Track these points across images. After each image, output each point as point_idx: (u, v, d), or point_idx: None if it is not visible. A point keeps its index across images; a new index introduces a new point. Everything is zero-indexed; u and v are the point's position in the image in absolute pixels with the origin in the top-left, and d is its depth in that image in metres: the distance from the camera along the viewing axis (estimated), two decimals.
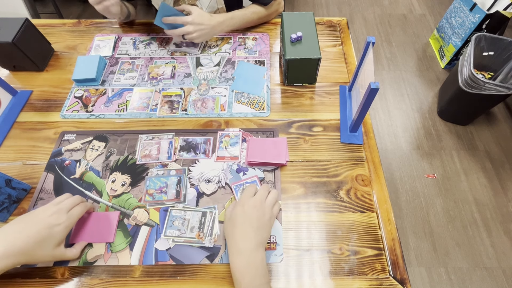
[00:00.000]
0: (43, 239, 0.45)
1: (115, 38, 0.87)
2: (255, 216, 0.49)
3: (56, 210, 0.48)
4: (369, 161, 0.65)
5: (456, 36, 1.72)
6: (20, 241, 0.44)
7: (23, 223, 0.46)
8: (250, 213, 0.49)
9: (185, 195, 0.60)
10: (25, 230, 0.45)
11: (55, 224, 0.47)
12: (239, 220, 0.49)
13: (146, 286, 0.52)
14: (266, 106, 0.73)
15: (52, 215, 0.48)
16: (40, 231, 0.45)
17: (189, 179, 0.62)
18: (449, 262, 1.23)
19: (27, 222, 0.46)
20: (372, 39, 0.60)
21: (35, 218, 0.47)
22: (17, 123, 0.72)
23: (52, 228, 0.46)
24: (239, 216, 0.49)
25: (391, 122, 1.64)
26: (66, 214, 0.49)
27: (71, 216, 0.50)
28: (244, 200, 0.51)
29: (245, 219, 0.49)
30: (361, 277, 0.52)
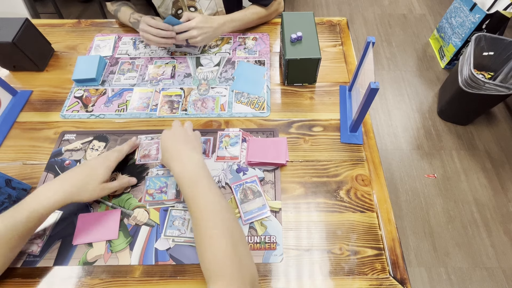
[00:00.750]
0: (88, 178, 0.54)
1: (115, 38, 0.87)
2: (180, 136, 0.59)
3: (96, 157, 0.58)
4: (369, 161, 0.65)
5: (456, 36, 1.73)
6: (71, 180, 0.53)
7: (75, 169, 0.56)
8: (175, 137, 0.59)
9: None
10: (75, 173, 0.55)
11: (97, 166, 0.56)
12: (168, 145, 0.58)
13: (146, 286, 0.52)
14: (266, 106, 0.73)
15: (94, 159, 0.58)
16: (85, 172, 0.55)
17: None
18: (449, 262, 1.23)
19: (77, 168, 0.56)
20: (372, 39, 0.60)
21: (83, 164, 0.57)
22: (17, 123, 0.72)
23: (94, 169, 0.56)
24: (167, 143, 0.58)
25: (391, 122, 1.64)
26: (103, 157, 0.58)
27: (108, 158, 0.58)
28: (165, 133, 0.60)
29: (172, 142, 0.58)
30: (361, 277, 0.52)
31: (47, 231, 0.56)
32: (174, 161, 0.55)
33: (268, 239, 0.55)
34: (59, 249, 0.55)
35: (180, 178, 0.53)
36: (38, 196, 0.50)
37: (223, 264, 0.43)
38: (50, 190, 0.51)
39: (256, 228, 0.56)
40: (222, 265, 0.43)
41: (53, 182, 0.53)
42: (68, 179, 0.53)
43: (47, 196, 0.50)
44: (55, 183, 0.53)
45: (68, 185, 0.52)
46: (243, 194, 0.60)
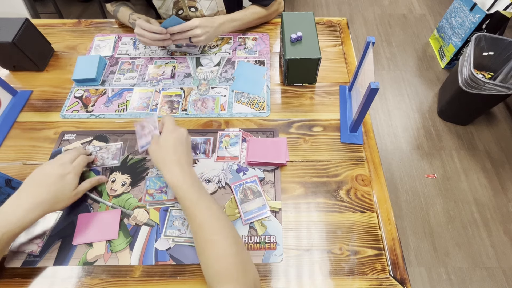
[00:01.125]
0: (60, 188, 0.52)
1: (115, 38, 0.87)
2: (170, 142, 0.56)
3: (61, 163, 0.55)
4: (369, 161, 0.65)
5: (456, 36, 1.73)
6: (42, 193, 0.50)
7: (37, 179, 0.52)
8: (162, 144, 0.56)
9: None
10: (42, 184, 0.51)
11: (65, 174, 0.53)
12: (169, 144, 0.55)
13: (146, 286, 0.52)
14: (266, 106, 0.73)
15: (59, 167, 0.54)
16: (55, 182, 0.52)
17: None
18: (449, 262, 1.23)
19: (41, 177, 0.52)
20: (372, 39, 0.60)
21: (45, 173, 0.53)
22: (17, 123, 0.72)
23: (63, 177, 0.53)
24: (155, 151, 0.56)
25: (391, 122, 1.64)
26: (71, 164, 0.55)
27: (76, 165, 0.56)
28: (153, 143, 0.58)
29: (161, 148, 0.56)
30: (361, 277, 0.52)
31: (47, 231, 0.56)
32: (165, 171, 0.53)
33: (268, 239, 0.55)
34: (59, 249, 0.55)
35: (180, 184, 0.52)
36: (8, 217, 0.47)
37: (229, 269, 0.44)
38: (21, 208, 0.48)
39: (256, 228, 0.56)
40: (228, 269, 0.43)
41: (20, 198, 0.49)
42: (38, 192, 0.50)
43: (19, 216, 0.47)
44: (24, 199, 0.49)
45: (41, 199, 0.50)
46: (243, 194, 0.60)
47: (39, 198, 0.49)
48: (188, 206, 0.50)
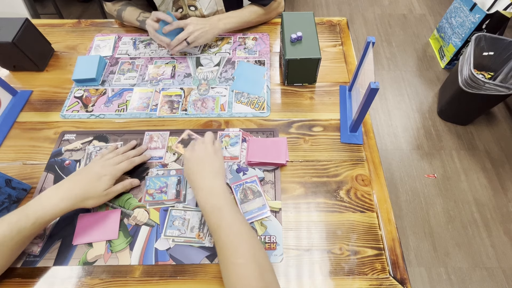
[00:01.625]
0: (94, 186, 0.55)
1: (115, 38, 0.87)
2: (201, 155, 0.58)
3: (103, 164, 0.58)
4: (369, 161, 0.65)
5: (456, 36, 1.73)
6: (78, 187, 0.54)
7: (79, 174, 0.56)
8: (195, 156, 0.58)
9: (185, 195, 0.60)
10: (80, 179, 0.55)
11: (102, 175, 0.56)
12: (189, 167, 0.57)
13: (146, 286, 0.52)
14: (266, 106, 0.73)
15: (100, 167, 0.57)
16: (91, 180, 0.55)
17: None
18: (449, 262, 1.23)
19: (82, 173, 0.56)
20: (372, 39, 0.60)
21: (88, 170, 0.57)
22: (17, 123, 0.72)
23: (100, 178, 0.56)
24: (188, 164, 0.58)
25: (391, 122, 1.64)
26: (112, 166, 0.58)
27: (117, 169, 0.58)
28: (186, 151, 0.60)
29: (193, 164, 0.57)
30: (361, 277, 0.52)
31: (47, 231, 0.56)
32: (196, 188, 0.55)
33: (268, 239, 0.55)
34: (59, 249, 0.55)
35: (202, 206, 0.52)
36: (43, 202, 0.50)
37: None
38: (56, 196, 0.52)
39: (256, 228, 0.56)
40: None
41: (58, 188, 0.53)
42: (74, 185, 0.54)
43: (53, 203, 0.51)
44: (61, 189, 0.53)
45: (74, 192, 0.53)
46: (243, 194, 0.60)
47: (73, 191, 0.53)
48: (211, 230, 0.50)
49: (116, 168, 0.58)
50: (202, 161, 0.57)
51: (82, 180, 0.55)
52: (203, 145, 0.60)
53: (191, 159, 0.58)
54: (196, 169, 0.56)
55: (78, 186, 0.54)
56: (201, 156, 0.58)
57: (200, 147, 0.59)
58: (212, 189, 0.54)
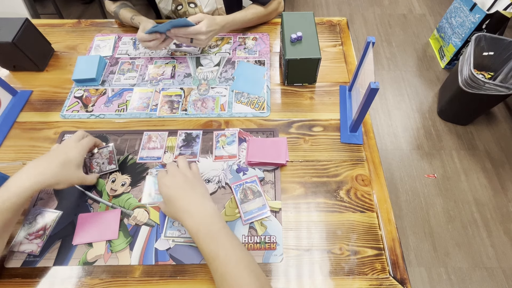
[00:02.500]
0: (63, 161, 0.53)
1: (115, 38, 0.87)
2: (181, 181, 0.52)
3: (68, 140, 0.58)
4: (369, 161, 0.65)
5: (456, 36, 1.73)
6: (45, 164, 0.52)
7: (47, 153, 0.55)
8: (175, 183, 0.52)
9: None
10: (48, 157, 0.54)
11: (69, 149, 0.55)
12: (170, 193, 0.51)
13: (146, 286, 0.52)
14: (266, 106, 0.73)
15: (65, 143, 0.57)
16: (58, 156, 0.54)
17: None
18: (449, 262, 1.23)
19: (50, 152, 0.55)
20: (372, 39, 0.60)
21: (52, 150, 0.56)
22: (17, 123, 0.72)
23: (67, 152, 0.55)
24: (168, 191, 0.52)
25: (391, 122, 1.64)
26: (76, 142, 0.58)
27: (81, 143, 0.58)
28: (162, 180, 0.53)
29: (175, 189, 0.51)
30: (361, 277, 0.52)
31: (47, 231, 0.56)
32: (183, 213, 0.49)
33: (268, 239, 0.55)
34: (59, 249, 0.55)
35: (194, 233, 0.47)
36: (10, 184, 0.48)
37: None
38: (22, 176, 0.49)
39: (256, 228, 0.56)
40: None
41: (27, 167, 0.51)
42: (42, 165, 0.52)
43: (19, 183, 0.48)
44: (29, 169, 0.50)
45: (42, 172, 0.50)
46: (243, 194, 0.60)
47: (39, 169, 0.51)
48: (207, 258, 0.46)
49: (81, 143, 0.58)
50: (184, 186, 0.52)
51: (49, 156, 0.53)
52: (179, 170, 0.54)
53: (171, 186, 0.52)
54: (180, 195, 0.51)
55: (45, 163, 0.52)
56: (181, 182, 0.52)
57: (176, 173, 0.54)
58: (204, 213, 0.49)
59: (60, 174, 0.52)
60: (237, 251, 0.46)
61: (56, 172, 0.52)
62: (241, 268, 0.44)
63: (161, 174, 0.54)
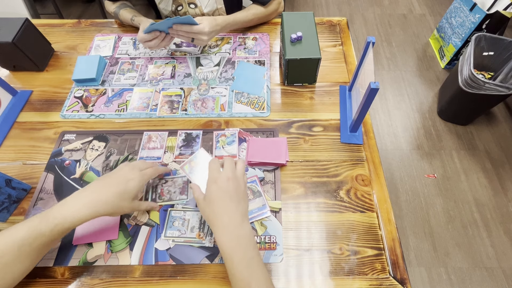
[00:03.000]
0: (121, 191, 0.50)
1: (115, 38, 0.87)
2: (232, 188, 0.49)
3: (131, 168, 0.54)
4: (369, 161, 0.65)
5: (456, 36, 1.73)
6: (103, 192, 0.50)
7: (105, 179, 0.52)
8: (226, 187, 0.49)
9: (188, 193, 0.60)
10: (107, 184, 0.51)
11: (129, 179, 0.52)
12: (217, 197, 0.48)
13: (146, 286, 0.52)
14: (266, 106, 0.73)
15: (129, 171, 0.53)
16: (119, 184, 0.51)
17: None
18: (449, 262, 1.23)
19: (108, 178, 0.52)
20: (372, 39, 0.60)
21: (114, 175, 0.53)
22: (17, 123, 0.72)
23: (127, 182, 0.51)
24: (215, 192, 0.48)
25: (391, 122, 1.64)
26: (139, 171, 0.54)
27: (143, 174, 0.54)
28: (215, 176, 0.50)
29: (223, 194, 0.48)
30: (361, 277, 0.52)
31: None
32: (219, 227, 0.47)
33: (268, 239, 0.55)
34: (59, 249, 0.55)
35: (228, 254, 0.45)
36: (65, 208, 0.47)
37: None
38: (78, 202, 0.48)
39: (256, 228, 0.56)
40: None
41: (82, 192, 0.49)
42: (99, 189, 0.50)
43: (74, 209, 0.47)
44: (85, 193, 0.49)
45: (98, 197, 0.49)
46: None
47: (98, 197, 0.49)
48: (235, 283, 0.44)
49: (143, 173, 0.54)
50: (233, 197, 0.48)
51: (108, 184, 0.50)
52: (235, 175, 0.51)
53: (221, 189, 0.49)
54: (226, 205, 0.48)
55: (103, 191, 0.49)
56: (232, 190, 0.49)
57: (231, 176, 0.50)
58: (241, 236, 0.46)
59: (117, 206, 0.50)
60: (269, 285, 0.44)
61: (113, 202, 0.49)
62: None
63: (215, 166, 0.51)
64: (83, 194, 0.49)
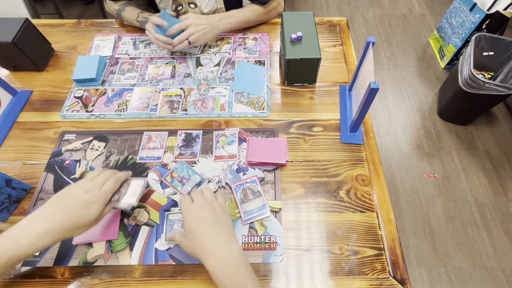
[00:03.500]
0: (81, 216, 0.46)
1: (115, 38, 0.87)
2: (207, 214, 0.48)
3: (90, 188, 0.48)
4: (369, 161, 0.65)
5: (456, 36, 1.72)
6: (60, 219, 0.45)
7: (61, 202, 0.47)
8: (201, 215, 0.48)
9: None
10: (64, 209, 0.46)
11: (90, 202, 0.47)
12: (195, 228, 0.48)
13: (146, 286, 0.52)
14: (266, 106, 0.73)
15: (87, 192, 0.48)
16: (78, 210, 0.46)
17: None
18: (449, 262, 1.23)
19: (65, 201, 0.47)
20: (372, 39, 0.60)
21: (71, 196, 0.47)
22: (17, 123, 0.72)
23: (88, 206, 0.47)
24: (192, 224, 0.48)
25: (391, 122, 1.64)
26: (99, 190, 0.49)
27: (104, 192, 0.49)
28: (188, 208, 0.49)
29: (200, 223, 0.48)
30: (361, 277, 0.52)
31: None
32: (206, 253, 0.45)
33: (268, 239, 0.55)
34: (59, 249, 0.55)
35: (220, 280, 0.44)
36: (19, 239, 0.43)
37: None
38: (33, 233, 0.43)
39: (256, 228, 0.56)
40: None
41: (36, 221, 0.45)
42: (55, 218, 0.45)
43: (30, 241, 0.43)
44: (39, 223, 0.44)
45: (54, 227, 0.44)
46: (243, 194, 0.60)
47: (56, 224, 0.45)
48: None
49: (103, 191, 0.49)
50: (212, 221, 0.48)
51: (65, 211, 0.46)
52: (206, 201, 0.50)
53: (197, 219, 0.48)
54: (207, 232, 0.47)
55: (60, 219, 0.45)
56: (208, 216, 0.48)
57: (203, 204, 0.50)
58: (230, 257, 0.45)
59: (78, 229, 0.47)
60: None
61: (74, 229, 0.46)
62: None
63: (186, 201, 0.50)
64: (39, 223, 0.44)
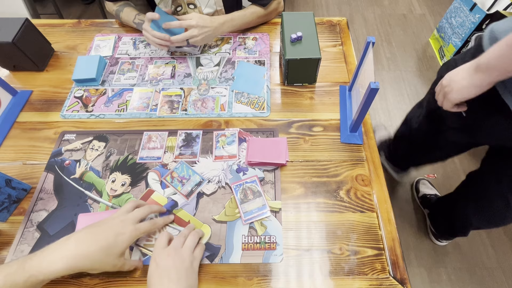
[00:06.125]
0: (108, 246, 0.45)
1: (115, 38, 0.87)
2: (171, 265, 0.45)
3: (124, 219, 0.48)
4: (369, 161, 0.65)
5: (456, 36, 1.72)
6: (88, 245, 0.44)
7: (94, 228, 0.47)
8: (164, 265, 0.45)
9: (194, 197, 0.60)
10: (94, 235, 0.46)
11: (120, 233, 0.46)
12: (154, 277, 0.45)
13: (146, 286, 0.51)
14: (266, 106, 0.73)
15: (120, 223, 0.48)
16: (107, 238, 0.45)
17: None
18: (449, 262, 1.23)
19: (97, 228, 0.47)
20: (372, 39, 0.60)
21: (105, 225, 0.47)
22: (17, 123, 0.72)
23: (117, 236, 0.46)
24: (153, 272, 0.45)
25: (391, 122, 1.64)
26: (133, 225, 0.48)
27: (138, 228, 0.49)
28: (156, 253, 0.47)
29: (161, 273, 0.45)
30: (361, 277, 0.52)
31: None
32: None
33: (268, 239, 0.55)
34: None
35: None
36: (43, 258, 0.43)
37: None
38: (57, 252, 0.43)
39: (256, 228, 0.56)
40: None
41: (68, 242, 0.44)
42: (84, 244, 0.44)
43: (50, 259, 0.43)
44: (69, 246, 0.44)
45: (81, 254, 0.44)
46: (243, 194, 0.60)
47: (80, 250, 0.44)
48: None
49: (137, 228, 0.48)
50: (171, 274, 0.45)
51: (95, 235, 0.45)
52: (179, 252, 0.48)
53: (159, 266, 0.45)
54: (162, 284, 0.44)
55: (88, 242, 0.44)
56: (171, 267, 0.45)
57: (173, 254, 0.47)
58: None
59: (99, 261, 0.45)
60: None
61: (96, 257, 0.44)
62: None
63: (161, 241, 0.49)
64: (66, 244, 0.44)
